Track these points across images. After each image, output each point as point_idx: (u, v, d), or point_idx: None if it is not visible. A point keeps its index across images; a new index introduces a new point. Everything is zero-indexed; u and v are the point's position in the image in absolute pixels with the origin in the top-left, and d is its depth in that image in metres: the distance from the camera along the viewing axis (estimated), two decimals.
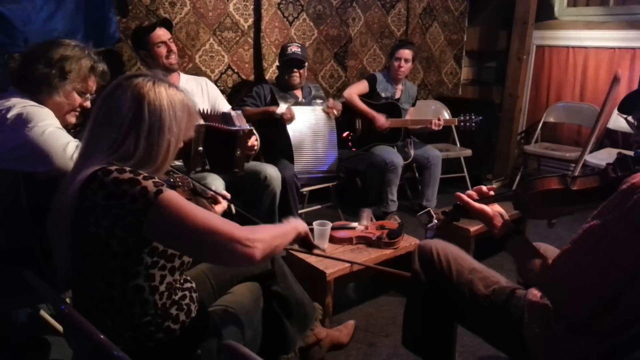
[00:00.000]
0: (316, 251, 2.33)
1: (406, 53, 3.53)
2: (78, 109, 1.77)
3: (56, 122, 1.66)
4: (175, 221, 1.08)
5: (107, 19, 2.64)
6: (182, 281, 1.29)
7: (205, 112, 2.40)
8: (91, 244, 1.11)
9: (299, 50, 3.15)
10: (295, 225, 1.36)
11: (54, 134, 1.60)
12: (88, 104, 1.78)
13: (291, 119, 3.01)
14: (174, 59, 2.62)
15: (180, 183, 1.47)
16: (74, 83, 1.70)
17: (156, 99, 1.17)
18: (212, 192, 1.65)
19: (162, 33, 2.59)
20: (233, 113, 2.50)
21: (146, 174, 1.12)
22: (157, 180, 1.12)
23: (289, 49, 3.13)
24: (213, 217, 1.12)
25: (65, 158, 1.58)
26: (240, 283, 1.59)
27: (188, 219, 1.08)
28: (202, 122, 2.20)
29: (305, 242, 1.45)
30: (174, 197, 1.10)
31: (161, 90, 1.18)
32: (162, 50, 2.58)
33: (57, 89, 1.67)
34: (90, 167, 1.12)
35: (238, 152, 2.41)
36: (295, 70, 3.13)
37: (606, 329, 1.16)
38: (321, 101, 3.24)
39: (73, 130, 2.03)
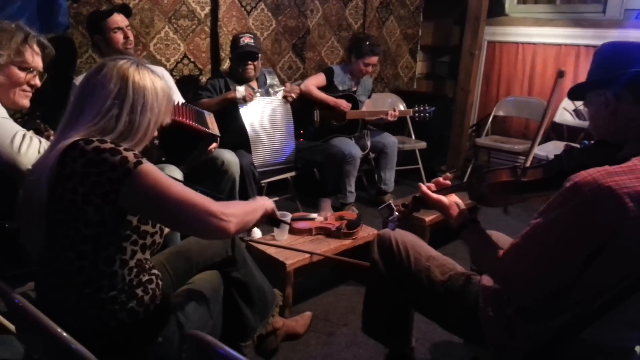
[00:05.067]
0: (275, 242, 2.36)
1: (376, 60, 3.62)
2: (27, 88, 1.68)
3: (2, 112, 1.59)
4: (152, 192, 1.13)
5: (57, 4, 2.53)
6: (151, 264, 1.32)
7: (179, 105, 2.34)
8: (66, 211, 1.14)
9: (252, 41, 3.06)
10: (262, 202, 1.43)
11: (0, 125, 1.53)
12: (37, 81, 1.70)
13: (251, 99, 3.00)
14: (130, 46, 2.55)
15: None
16: (9, 57, 1.61)
17: (141, 79, 1.23)
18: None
19: (119, 19, 2.53)
20: (207, 114, 2.47)
21: (126, 147, 1.16)
22: (137, 152, 1.16)
23: (241, 40, 3.03)
24: (189, 191, 1.18)
25: (13, 150, 1.52)
26: (200, 272, 1.57)
27: (165, 191, 1.14)
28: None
29: (272, 218, 1.50)
30: (152, 169, 1.15)
31: (145, 73, 1.25)
32: (119, 36, 2.51)
33: None
34: (71, 138, 1.15)
35: (195, 152, 2.39)
36: (249, 62, 3.06)
37: (553, 312, 1.23)
38: (281, 88, 3.23)
39: (20, 119, 1.95)
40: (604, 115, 1.21)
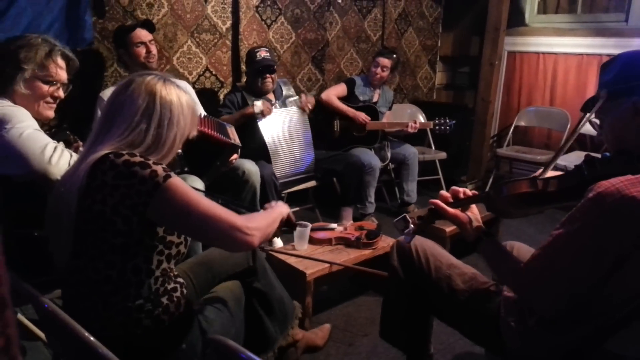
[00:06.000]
0: (295, 252, 2.38)
1: (385, 61, 3.62)
2: (50, 100, 1.72)
3: (34, 124, 1.63)
4: (180, 205, 1.16)
5: (83, 20, 2.63)
6: (175, 273, 1.35)
7: (201, 116, 2.39)
8: (95, 222, 1.17)
9: (268, 54, 3.12)
10: (280, 210, 1.45)
11: (31, 136, 1.57)
12: (61, 93, 1.74)
13: (269, 113, 3.03)
14: (152, 60, 2.62)
15: None
16: (33, 71, 1.65)
17: (167, 94, 1.27)
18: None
19: (143, 34, 2.62)
20: (228, 125, 2.52)
21: (155, 160, 1.20)
22: (165, 167, 1.19)
23: (257, 54, 3.09)
24: (216, 206, 1.22)
25: (43, 161, 1.56)
26: (222, 282, 1.60)
27: (192, 205, 1.17)
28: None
29: (289, 223, 1.53)
30: (180, 183, 1.19)
31: (171, 88, 1.29)
32: (141, 50, 2.60)
33: (16, 78, 1.63)
34: (101, 151, 1.19)
35: (217, 163, 2.43)
36: (268, 75, 3.11)
37: (576, 323, 1.21)
38: (296, 98, 3.26)
39: (49, 131, 2.01)
40: (629, 123, 1.19)
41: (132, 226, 1.16)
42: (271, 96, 3.22)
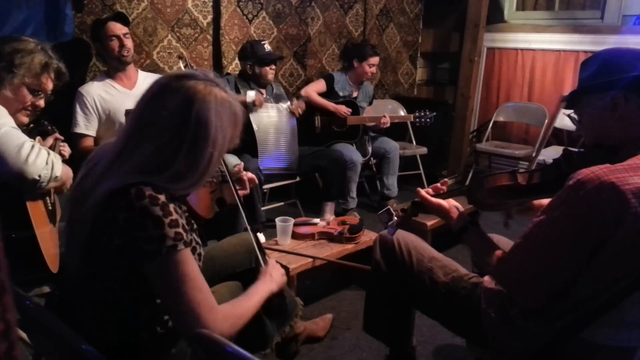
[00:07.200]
0: (278, 247, 2.38)
1: (376, 59, 3.66)
2: (29, 108, 1.70)
3: (10, 121, 1.59)
4: (171, 280, 1.09)
5: (63, 14, 2.58)
6: None
7: None
8: (100, 251, 1.10)
9: (271, 47, 3.23)
10: (270, 287, 1.39)
11: (7, 134, 1.53)
12: (41, 103, 1.71)
13: (260, 104, 3.05)
14: (126, 53, 2.61)
15: None
16: (24, 78, 1.62)
17: (205, 107, 1.10)
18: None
19: (116, 27, 2.59)
20: None
21: (174, 217, 1.08)
22: (180, 231, 1.08)
23: (265, 46, 3.17)
24: (205, 298, 1.11)
25: (20, 160, 1.51)
26: (222, 281, 1.58)
27: (181, 286, 1.08)
28: None
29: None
30: (184, 259, 1.08)
31: (211, 99, 1.11)
32: (114, 44, 2.59)
33: (4, 81, 1.60)
34: (125, 175, 1.08)
35: None
36: (274, 66, 3.19)
37: (556, 312, 1.24)
38: (288, 102, 3.28)
39: (25, 127, 1.97)
40: (608, 117, 1.20)
41: (135, 265, 1.10)
42: (263, 91, 3.24)
